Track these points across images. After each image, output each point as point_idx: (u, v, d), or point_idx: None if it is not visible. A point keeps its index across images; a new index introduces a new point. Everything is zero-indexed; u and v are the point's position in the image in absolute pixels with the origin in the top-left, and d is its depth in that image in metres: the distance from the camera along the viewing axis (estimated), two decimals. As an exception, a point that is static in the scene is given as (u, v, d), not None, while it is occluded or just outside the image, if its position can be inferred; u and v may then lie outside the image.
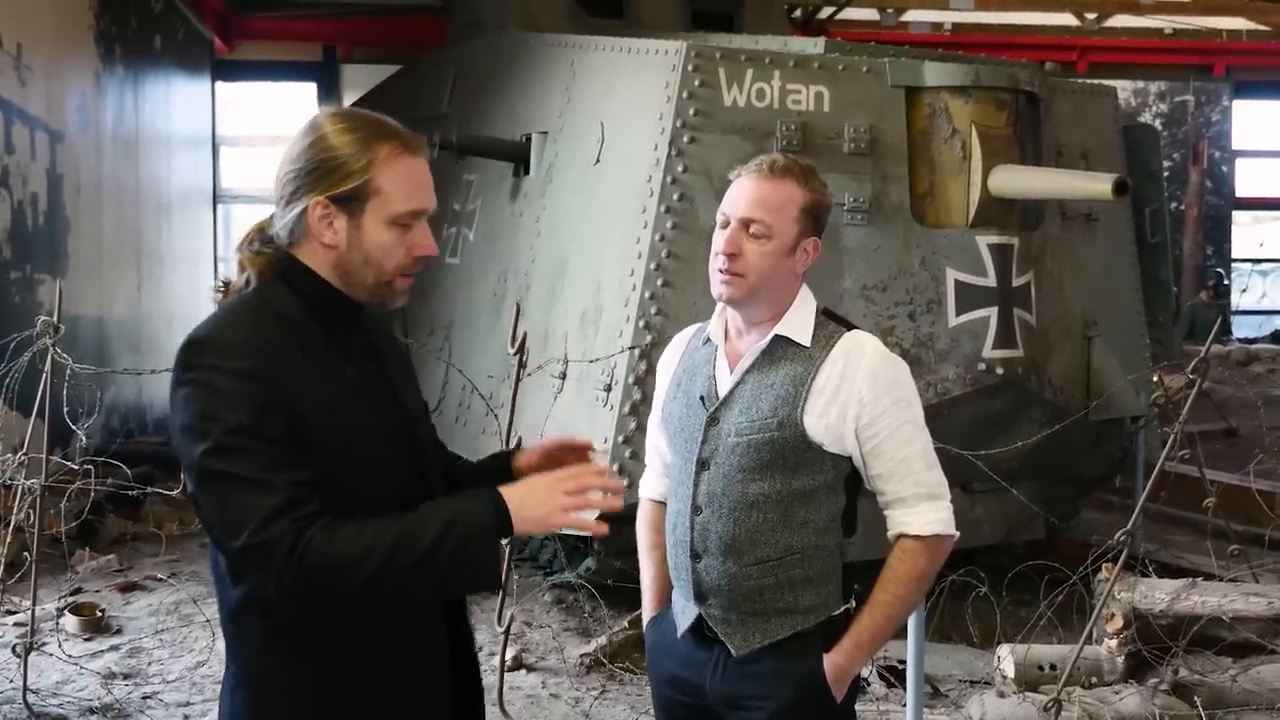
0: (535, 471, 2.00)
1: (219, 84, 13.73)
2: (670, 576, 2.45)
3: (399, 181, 1.85)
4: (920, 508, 2.30)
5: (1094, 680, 4.77)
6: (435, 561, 1.74)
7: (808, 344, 2.31)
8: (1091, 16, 15.08)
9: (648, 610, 2.56)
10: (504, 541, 1.87)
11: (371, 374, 1.93)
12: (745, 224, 2.28)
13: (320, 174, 1.83)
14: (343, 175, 1.83)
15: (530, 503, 1.81)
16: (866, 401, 2.27)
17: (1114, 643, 4.91)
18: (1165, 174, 8.20)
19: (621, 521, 5.30)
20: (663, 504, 2.52)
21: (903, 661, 4.16)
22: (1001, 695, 4.65)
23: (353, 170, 1.83)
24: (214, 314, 1.86)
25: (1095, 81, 7.13)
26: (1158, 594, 4.93)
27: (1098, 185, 4.94)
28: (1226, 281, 15.26)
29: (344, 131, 1.85)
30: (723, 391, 2.35)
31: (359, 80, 12.99)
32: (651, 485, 2.60)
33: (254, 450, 1.72)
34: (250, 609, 1.80)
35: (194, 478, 1.75)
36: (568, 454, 2.07)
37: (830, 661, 2.29)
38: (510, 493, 1.82)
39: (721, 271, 2.30)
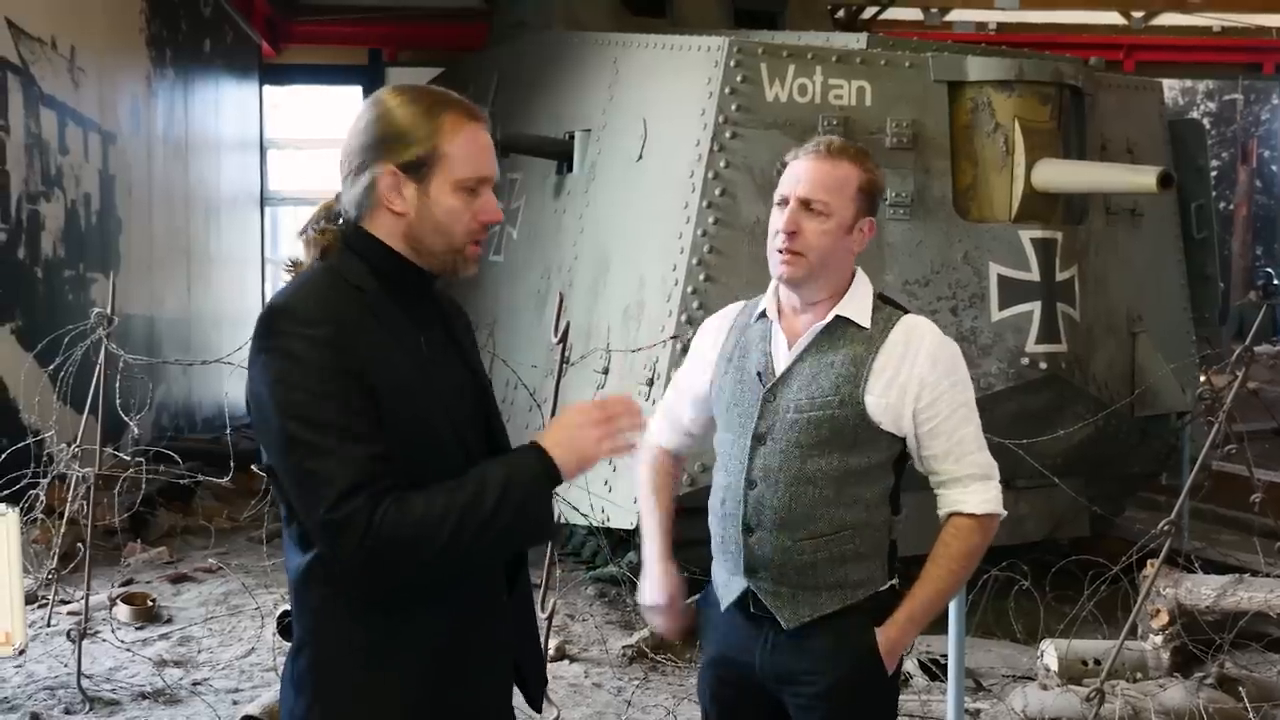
0: None
1: (266, 87, 13.94)
2: (714, 550, 2.47)
3: (463, 148, 1.90)
4: (975, 487, 2.36)
5: (1139, 676, 4.75)
6: (498, 524, 1.81)
7: (867, 325, 2.36)
8: (1138, 15, 14.92)
9: (656, 546, 2.55)
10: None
11: (442, 342, 1.98)
12: (805, 203, 2.32)
13: (387, 144, 1.88)
14: (409, 144, 1.87)
15: (569, 446, 1.88)
16: (928, 383, 2.32)
17: (1159, 638, 4.87)
18: (1214, 173, 8.13)
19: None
20: (669, 452, 2.63)
21: (945, 655, 4.14)
22: (1044, 688, 4.63)
23: (419, 138, 1.87)
24: (291, 283, 1.90)
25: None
26: (1204, 590, 4.89)
27: (1142, 178, 4.91)
28: (1276, 281, 15.04)
29: (407, 103, 1.91)
30: (780, 368, 2.38)
31: (404, 83, 13.12)
32: (662, 435, 2.65)
33: (331, 421, 1.76)
34: (317, 573, 1.86)
35: (273, 446, 1.80)
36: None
37: (884, 634, 2.34)
38: (548, 441, 1.89)
39: (782, 251, 2.33)
